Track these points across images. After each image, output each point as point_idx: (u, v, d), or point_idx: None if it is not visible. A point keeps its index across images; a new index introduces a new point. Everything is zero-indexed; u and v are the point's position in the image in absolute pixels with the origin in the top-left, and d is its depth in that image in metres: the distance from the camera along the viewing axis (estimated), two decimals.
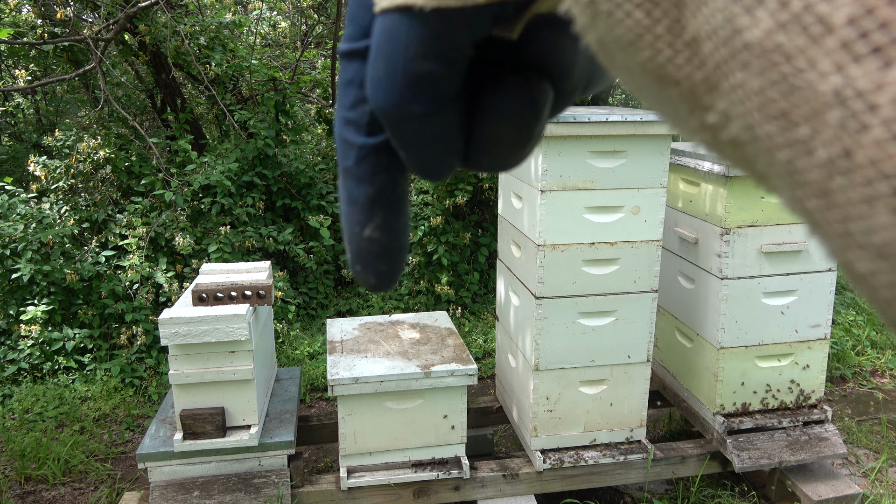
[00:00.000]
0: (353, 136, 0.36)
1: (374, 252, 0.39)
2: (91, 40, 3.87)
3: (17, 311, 3.83)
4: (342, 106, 0.36)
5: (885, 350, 4.08)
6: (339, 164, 0.39)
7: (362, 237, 0.39)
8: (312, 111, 5.57)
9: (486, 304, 4.69)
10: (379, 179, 0.37)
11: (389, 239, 0.39)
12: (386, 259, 0.39)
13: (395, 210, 0.39)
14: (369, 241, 0.39)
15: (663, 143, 2.38)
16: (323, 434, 2.94)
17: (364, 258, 0.40)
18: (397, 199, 0.39)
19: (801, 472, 2.71)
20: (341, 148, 0.38)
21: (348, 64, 0.35)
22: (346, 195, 0.39)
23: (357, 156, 0.37)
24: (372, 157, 0.36)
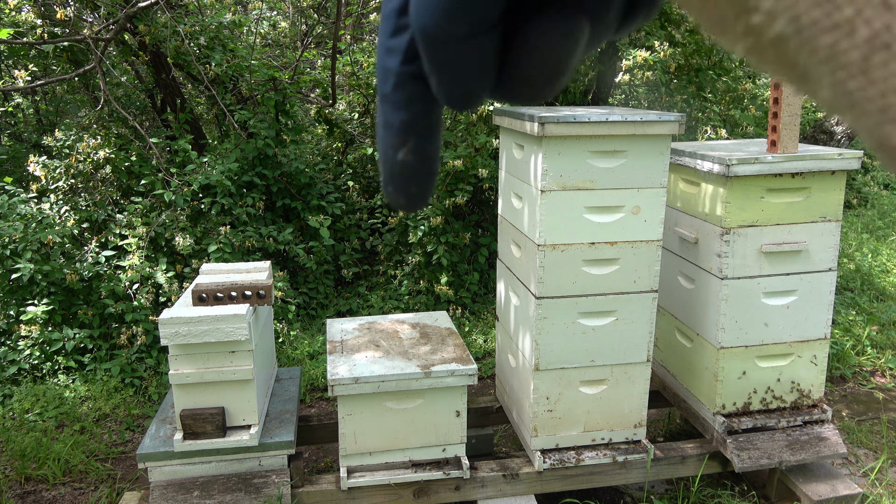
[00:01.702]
0: (392, 62, 0.38)
1: (406, 175, 0.41)
2: (91, 40, 3.86)
3: (17, 312, 3.83)
4: (384, 34, 0.38)
5: (885, 350, 4.08)
6: (378, 90, 0.41)
7: (395, 160, 0.41)
8: (312, 111, 5.57)
9: (486, 304, 4.69)
10: (413, 107, 0.39)
11: (421, 163, 0.41)
12: (417, 182, 0.41)
13: (428, 136, 0.41)
14: (402, 165, 0.41)
15: (663, 143, 2.38)
16: (323, 434, 2.94)
17: (397, 180, 0.41)
18: (430, 127, 0.41)
19: (801, 472, 2.71)
20: (381, 74, 0.39)
21: None
22: (382, 119, 0.40)
23: (394, 82, 0.38)
24: (408, 83, 0.38)
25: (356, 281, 4.90)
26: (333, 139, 5.68)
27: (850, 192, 7.37)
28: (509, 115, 2.59)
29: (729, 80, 5.09)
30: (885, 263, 5.43)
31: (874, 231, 6.34)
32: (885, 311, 4.47)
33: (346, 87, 5.70)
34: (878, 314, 4.43)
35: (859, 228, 6.40)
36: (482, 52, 0.34)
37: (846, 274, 5.10)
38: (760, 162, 2.48)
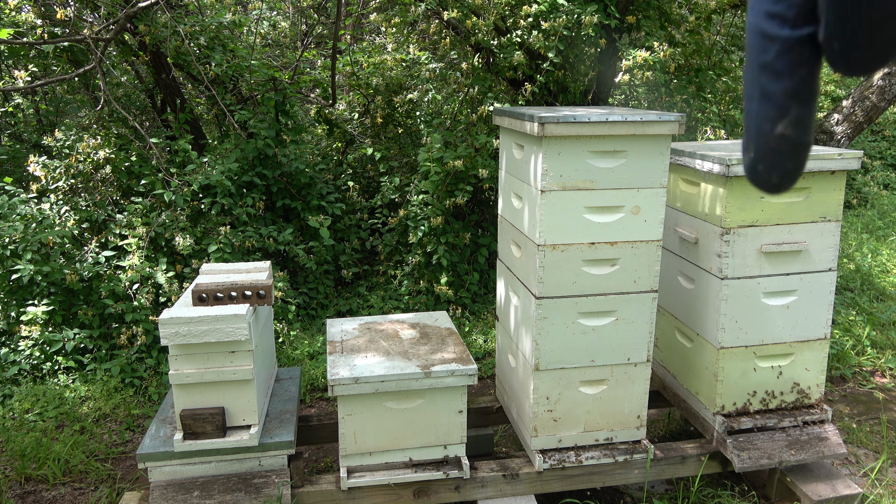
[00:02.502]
0: (777, 28, 0.38)
1: (783, 150, 0.40)
2: (91, 40, 3.86)
3: (17, 312, 3.83)
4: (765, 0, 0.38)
5: (885, 350, 4.08)
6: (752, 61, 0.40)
7: (772, 134, 0.40)
8: (312, 111, 5.57)
9: (486, 304, 4.69)
10: (799, 72, 0.38)
11: (801, 134, 0.40)
12: (794, 156, 0.41)
13: (810, 104, 0.40)
14: (780, 139, 0.40)
15: (663, 143, 2.38)
16: (323, 434, 2.94)
17: (771, 156, 0.41)
18: (812, 94, 0.40)
19: (801, 472, 2.71)
20: (759, 42, 0.39)
21: None
22: (758, 92, 0.40)
23: (779, 49, 0.38)
24: (795, 49, 0.38)
25: (356, 281, 4.90)
26: (333, 139, 5.68)
27: (850, 192, 7.37)
28: (509, 115, 2.59)
29: (729, 80, 5.09)
30: (885, 263, 5.43)
31: (874, 231, 6.34)
32: (885, 311, 4.47)
33: (346, 87, 5.71)
34: (878, 314, 4.43)
35: (859, 228, 6.39)
36: None
37: (846, 274, 5.10)
38: None
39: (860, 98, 4.53)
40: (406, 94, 5.42)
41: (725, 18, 5.57)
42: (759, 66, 0.39)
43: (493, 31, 4.76)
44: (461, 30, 4.75)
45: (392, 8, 5.69)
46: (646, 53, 4.22)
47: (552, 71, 4.49)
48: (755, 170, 0.42)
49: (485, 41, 4.57)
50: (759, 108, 0.40)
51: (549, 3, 4.28)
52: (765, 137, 0.41)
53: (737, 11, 5.44)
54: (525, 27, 4.49)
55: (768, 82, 0.39)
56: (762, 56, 0.39)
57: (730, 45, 5.40)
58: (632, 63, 4.24)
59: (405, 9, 5.17)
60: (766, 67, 0.39)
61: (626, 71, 4.32)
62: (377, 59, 5.56)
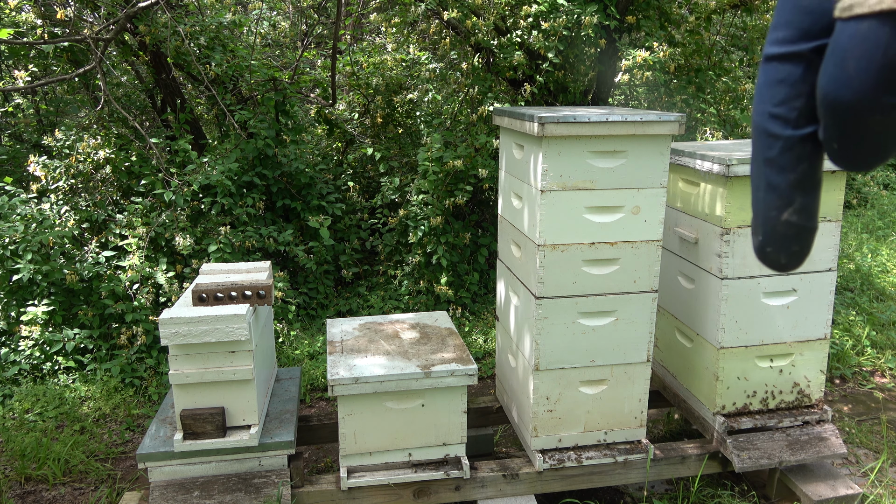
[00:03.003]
0: (780, 128, 0.41)
1: (789, 234, 0.44)
2: (91, 40, 3.86)
3: (17, 312, 3.83)
4: (768, 102, 0.41)
5: (885, 350, 4.08)
6: (757, 156, 0.44)
7: (779, 221, 0.43)
8: (312, 111, 5.57)
9: (486, 304, 4.69)
10: (802, 166, 0.41)
11: (806, 220, 0.44)
12: (800, 240, 0.44)
13: (813, 194, 0.43)
14: (786, 225, 0.43)
15: (663, 143, 2.38)
16: (323, 434, 2.94)
17: (778, 240, 0.44)
18: (815, 184, 0.43)
19: (801, 472, 2.71)
20: (763, 140, 0.42)
21: (781, 66, 0.40)
22: (763, 183, 0.43)
23: (782, 146, 0.41)
24: (797, 146, 0.41)
25: (356, 281, 4.90)
26: (333, 139, 5.68)
27: (850, 192, 7.37)
28: (509, 115, 2.59)
29: (729, 80, 5.09)
30: (885, 263, 5.43)
31: (874, 231, 6.34)
32: (885, 311, 4.47)
33: (346, 87, 5.70)
34: (877, 314, 4.43)
35: (859, 228, 6.40)
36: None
37: (846, 274, 5.10)
38: None
39: None
40: (406, 94, 5.42)
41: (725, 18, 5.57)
42: (764, 160, 0.43)
43: (493, 31, 4.76)
44: (461, 30, 4.75)
45: (392, 8, 5.69)
46: (646, 53, 4.22)
47: (552, 71, 4.49)
48: (764, 251, 0.45)
49: (485, 41, 4.57)
50: (765, 197, 0.43)
51: (549, 3, 4.28)
52: (772, 224, 0.44)
53: (737, 11, 5.44)
54: (525, 27, 4.49)
55: (773, 175, 0.43)
56: (766, 152, 0.42)
57: (730, 45, 5.40)
58: (632, 63, 4.24)
59: (405, 9, 5.17)
60: (770, 162, 0.42)
61: (625, 71, 4.32)
62: (377, 59, 5.56)
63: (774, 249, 0.45)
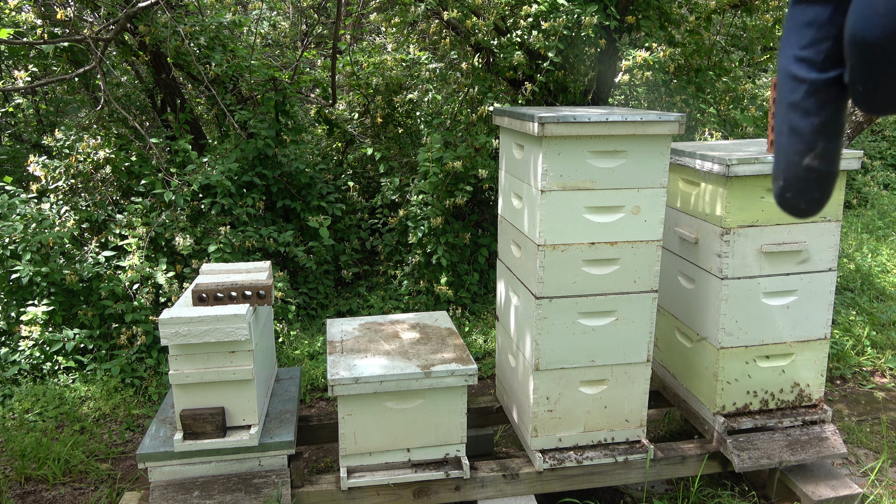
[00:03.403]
0: (805, 72, 0.41)
1: (811, 179, 0.44)
2: (91, 40, 3.86)
3: (17, 312, 3.83)
4: (794, 46, 0.42)
5: (885, 350, 4.08)
6: (782, 99, 0.44)
7: (801, 166, 0.44)
8: (312, 111, 5.57)
9: (486, 304, 4.69)
10: (826, 111, 0.42)
11: (827, 165, 0.44)
12: (820, 185, 0.45)
13: (836, 139, 0.44)
14: (807, 170, 0.44)
15: (663, 143, 2.38)
16: (323, 434, 2.94)
17: (799, 185, 0.45)
18: (839, 129, 0.44)
19: (801, 472, 2.71)
20: (788, 84, 0.43)
21: (808, 7, 0.40)
22: (787, 127, 0.44)
23: (807, 90, 0.42)
24: (822, 90, 0.41)
25: (356, 281, 4.90)
26: (333, 139, 5.68)
27: (850, 192, 7.37)
28: (509, 114, 2.59)
29: (729, 80, 5.09)
30: (885, 263, 5.43)
31: (874, 231, 6.34)
32: (885, 311, 4.47)
33: (346, 87, 5.70)
34: (878, 314, 4.43)
35: (859, 228, 6.40)
36: None
37: (846, 274, 5.10)
38: (760, 162, 2.48)
39: None
40: (406, 94, 5.42)
41: (725, 18, 5.57)
42: (788, 104, 0.43)
43: (493, 31, 4.76)
44: (461, 30, 4.75)
45: (392, 8, 5.69)
46: (646, 53, 4.22)
47: (552, 71, 4.49)
48: (784, 196, 0.46)
49: (485, 41, 4.57)
50: (787, 141, 0.44)
51: (549, 3, 4.28)
52: (793, 168, 0.45)
53: (737, 11, 5.44)
54: (525, 27, 4.49)
55: (797, 119, 0.43)
56: (791, 96, 0.43)
57: (730, 45, 5.39)
58: (631, 63, 4.24)
59: (405, 9, 5.17)
60: (794, 106, 0.43)
61: (625, 71, 4.32)
62: (377, 59, 5.56)
63: (794, 195, 0.46)
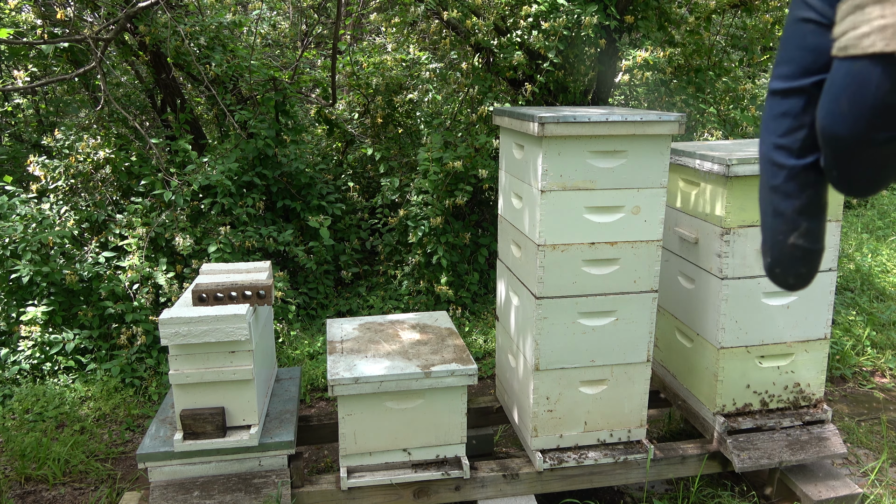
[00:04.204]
0: (784, 159, 0.44)
1: (796, 256, 0.46)
2: (91, 40, 3.86)
3: (17, 312, 3.83)
4: (773, 134, 0.44)
5: (885, 350, 4.08)
6: (764, 183, 0.47)
7: (786, 244, 0.46)
8: (312, 111, 5.57)
9: (486, 304, 4.69)
10: (806, 193, 0.45)
11: (812, 244, 0.46)
12: (806, 261, 0.47)
13: (818, 218, 0.46)
14: (793, 248, 0.46)
15: (663, 143, 2.38)
16: (323, 434, 2.94)
17: (786, 262, 0.47)
18: (820, 209, 0.47)
19: (801, 472, 2.71)
20: (769, 169, 0.45)
21: (784, 100, 0.43)
22: (770, 209, 0.46)
23: (787, 175, 0.44)
24: (801, 175, 0.44)
25: (356, 281, 4.90)
26: (333, 139, 5.68)
27: None
28: (509, 115, 2.59)
29: (729, 80, 5.09)
30: (885, 263, 5.43)
31: (874, 231, 6.34)
32: (885, 311, 4.47)
33: (346, 87, 5.70)
34: (878, 314, 4.43)
35: (859, 228, 6.40)
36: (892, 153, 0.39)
37: (846, 274, 5.10)
38: None
39: None
40: (406, 94, 5.42)
41: (725, 18, 5.57)
42: (770, 188, 0.47)
43: (493, 31, 4.76)
44: (461, 30, 4.75)
45: (392, 8, 5.69)
46: (645, 54, 4.22)
47: (552, 71, 4.49)
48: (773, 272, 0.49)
49: (485, 41, 4.57)
50: (772, 222, 0.47)
51: (549, 3, 4.28)
52: (779, 247, 0.47)
53: (736, 12, 5.44)
54: (525, 27, 4.49)
55: (779, 202, 0.46)
56: (773, 180, 0.46)
57: (729, 45, 5.39)
58: (631, 63, 4.24)
59: (405, 9, 5.17)
60: (776, 189, 0.46)
61: (625, 71, 4.32)
62: (377, 59, 5.56)
63: (782, 270, 0.49)
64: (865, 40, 0.37)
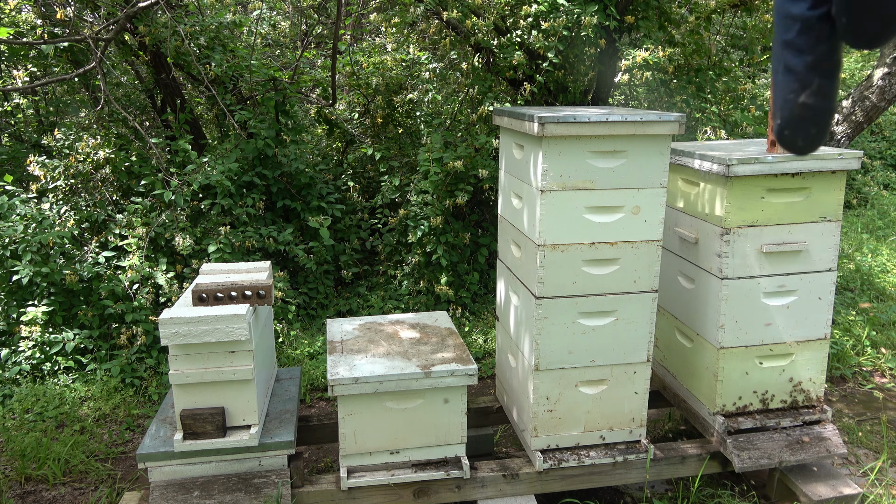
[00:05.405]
0: (797, 8, 0.44)
1: (806, 116, 0.46)
2: (91, 40, 3.86)
3: (17, 313, 3.83)
4: None
5: (885, 350, 4.08)
6: (777, 38, 0.47)
7: (796, 103, 0.46)
8: (312, 111, 5.57)
9: (486, 304, 4.69)
10: (819, 48, 0.44)
11: (823, 102, 0.46)
12: (817, 122, 0.47)
13: (830, 76, 0.46)
14: (803, 107, 0.46)
15: (663, 143, 2.38)
16: (323, 434, 2.94)
17: (795, 123, 0.47)
18: (834, 66, 0.46)
19: (801, 472, 2.71)
20: (782, 22, 0.45)
21: None
22: (781, 66, 0.46)
23: (800, 27, 0.44)
24: (815, 27, 0.44)
25: (356, 281, 4.90)
26: (333, 139, 5.68)
27: (850, 192, 7.37)
28: (509, 115, 2.59)
29: (729, 80, 5.09)
30: (885, 263, 5.43)
31: (874, 231, 6.34)
32: (885, 312, 4.47)
33: (346, 87, 5.70)
34: (878, 314, 4.43)
35: (859, 228, 6.40)
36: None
37: (846, 274, 5.10)
38: (760, 162, 2.48)
39: (860, 98, 4.53)
40: (406, 94, 5.42)
41: (725, 18, 5.57)
42: (783, 42, 0.46)
43: (493, 31, 4.76)
44: (461, 30, 4.75)
45: (392, 8, 5.69)
46: (645, 54, 4.22)
47: (552, 71, 4.49)
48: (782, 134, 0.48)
49: (485, 41, 4.57)
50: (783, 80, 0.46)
51: (549, 3, 4.28)
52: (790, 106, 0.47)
53: (737, 11, 5.44)
54: (525, 27, 4.49)
55: (791, 57, 0.46)
56: (785, 34, 0.46)
57: (730, 45, 5.39)
58: (631, 63, 4.24)
59: (405, 9, 5.17)
60: (788, 44, 0.45)
61: (625, 71, 4.32)
62: (377, 59, 5.56)
63: (792, 132, 0.49)
64: None
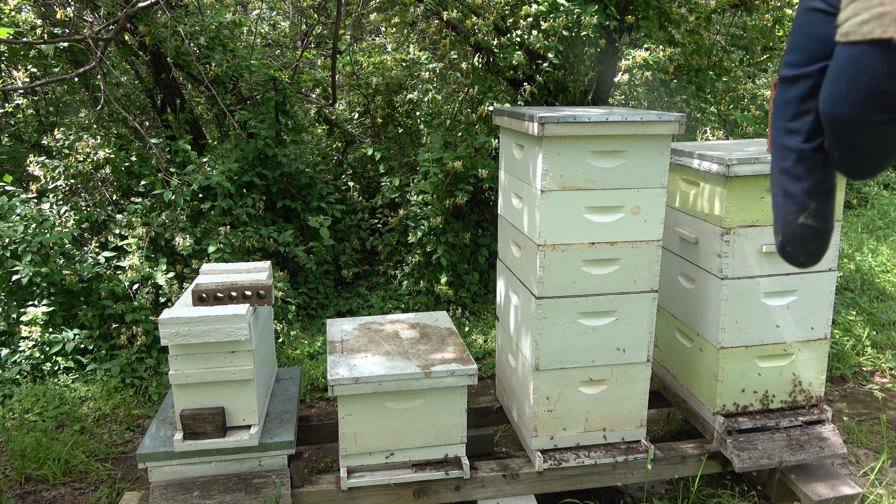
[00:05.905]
0: (793, 142, 0.46)
1: (806, 235, 0.49)
2: (91, 40, 3.86)
3: (17, 313, 3.83)
4: (783, 118, 0.47)
5: (885, 350, 4.08)
6: (774, 166, 0.50)
7: (796, 224, 0.48)
8: (312, 111, 5.57)
9: (486, 304, 4.69)
10: (814, 176, 0.47)
11: (821, 223, 0.49)
12: (816, 240, 0.49)
13: (827, 199, 0.48)
14: (803, 227, 0.48)
15: (663, 143, 2.38)
16: (323, 434, 2.94)
17: (796, 241, 0.49)
18: (828, 191, 0.48)
19: (801, 472, 2.71)
20: (780, 152, 0.48)
21: (793, 86, 0.45)
22: (780, 190, 0.49)
23: (796, 157, 0.46)
24: (810, 157, 0.46)
25: (356, 281, 4.90)
26: (333, 139, 5.68)
27: (850, 192, 7.37)
28: (509, 115, 2.59)
29: (729, 80, 5.09)
30: (885, 263, 5.43)
31: (874, 231, 6.34)
32: (885, 311, 4.47)
33: (346, 87, 5.70)
34: (878, 314, 4.43)
35: (859, 228, 6.39)
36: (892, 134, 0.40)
37: (846, 274, 5.09)
38: (760, 162, 2.48)
39: None
40: (406, 94, 5.42)
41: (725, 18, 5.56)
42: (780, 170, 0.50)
43: (493, 31, 4.76)
44: (461, 30, 4.75)
45: (392, 8, 5.69)
46: (645, 53, 4.22)
47: (552, 71, 4.49)
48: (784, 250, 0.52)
49: (485, 41, 4.57)
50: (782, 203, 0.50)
51: (549, 3, 4.28)
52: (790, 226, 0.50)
53: (737, 11, 5.44)
54: (525, 27, 4.49)
55: (789, 184, 0.49)
56: (783, 163, 0.49)
57: (730, 45, 5.39)
58: (631, 63, 4.24)
59: (405, 9, 5.17)
60: (786, 172, 0.49)
61: (625, 71, 4.32)
62: (377, 59, 5.56)
63: (794, 249, 0.51)
64: (865, 27, 0.39)
